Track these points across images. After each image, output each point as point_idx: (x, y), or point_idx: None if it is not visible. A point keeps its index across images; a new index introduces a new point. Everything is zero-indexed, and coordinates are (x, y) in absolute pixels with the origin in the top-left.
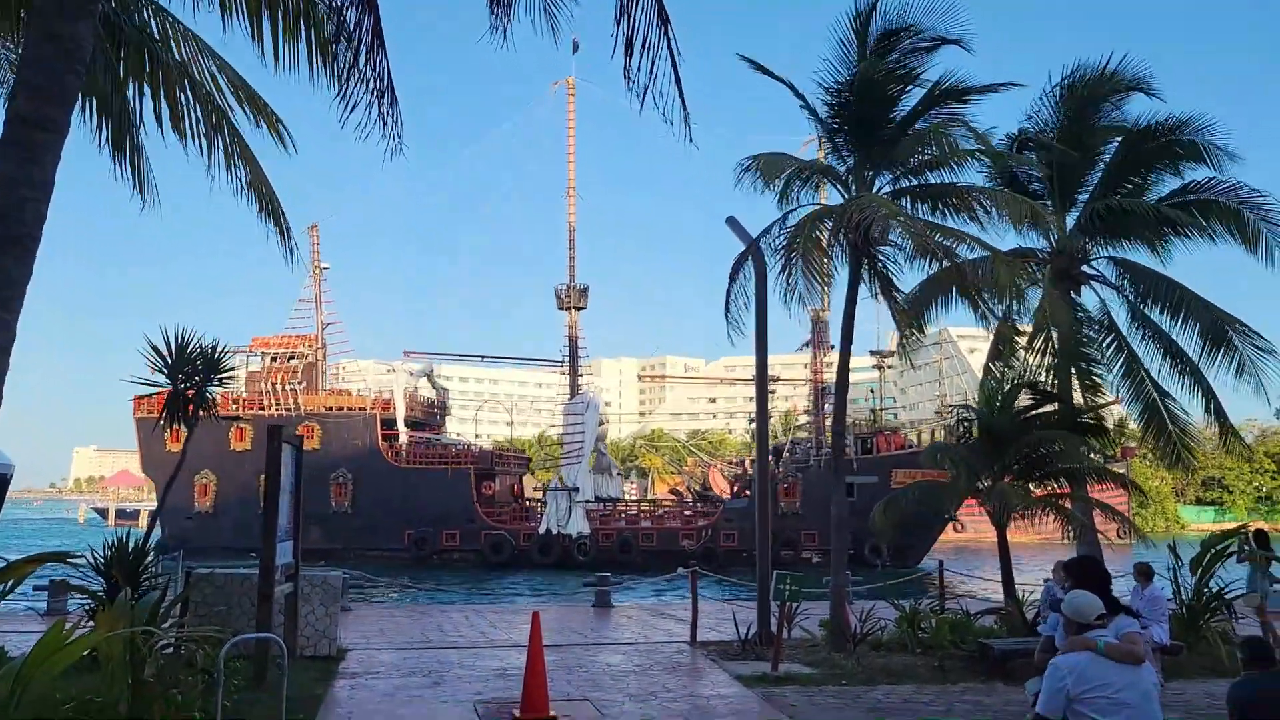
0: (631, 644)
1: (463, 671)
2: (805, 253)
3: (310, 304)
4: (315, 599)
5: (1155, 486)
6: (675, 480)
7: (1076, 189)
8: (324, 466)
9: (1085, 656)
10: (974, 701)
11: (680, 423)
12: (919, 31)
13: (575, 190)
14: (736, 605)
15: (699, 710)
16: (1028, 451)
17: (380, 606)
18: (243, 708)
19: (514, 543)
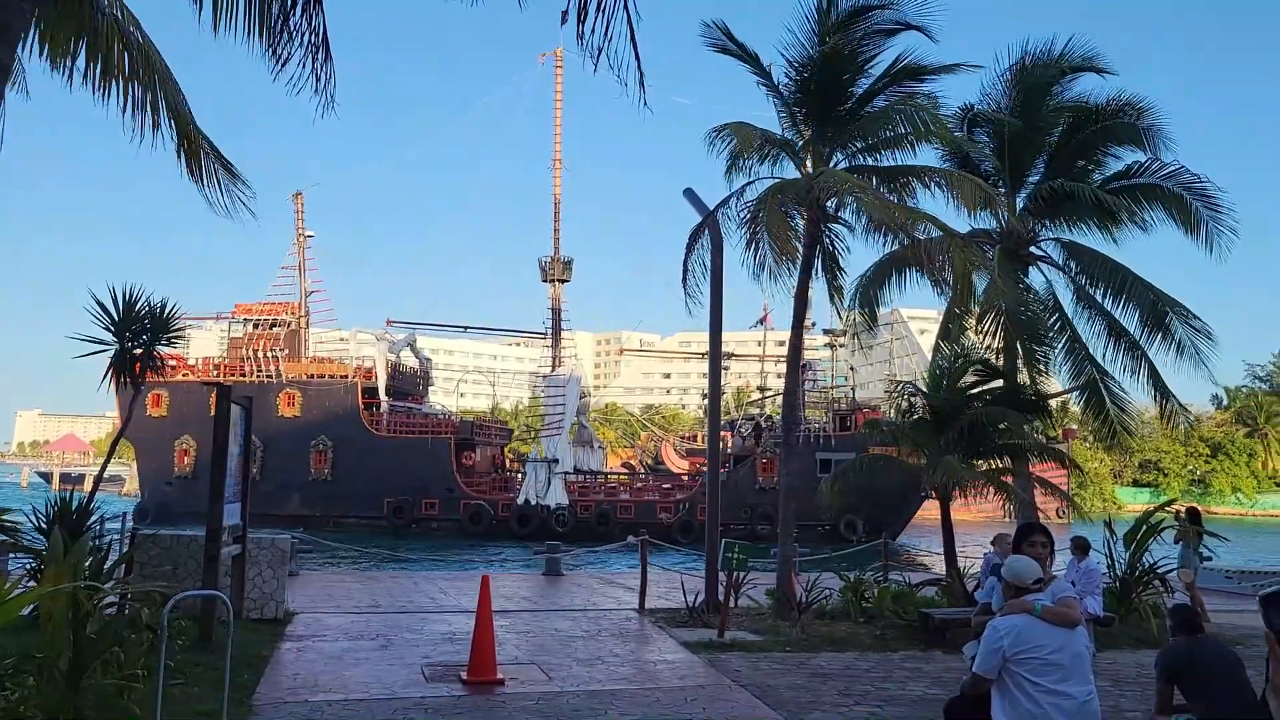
0: (580, 611)
1: (411, 635)
2: (770, 225)
3: (294, 271)
4: (263, 562)
5: (1094, 468)
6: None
7: (1026, 171)
8: (304, 434)
9: (1022, 618)
10: (913, 668)
11: (634, 397)
12: (884, 7)
13: (561, 163)
14: (686, 575)
15: (645, 675)
16: (971, 427)
17: (329, 571)
18: (186, 667)
19: (493, 513)
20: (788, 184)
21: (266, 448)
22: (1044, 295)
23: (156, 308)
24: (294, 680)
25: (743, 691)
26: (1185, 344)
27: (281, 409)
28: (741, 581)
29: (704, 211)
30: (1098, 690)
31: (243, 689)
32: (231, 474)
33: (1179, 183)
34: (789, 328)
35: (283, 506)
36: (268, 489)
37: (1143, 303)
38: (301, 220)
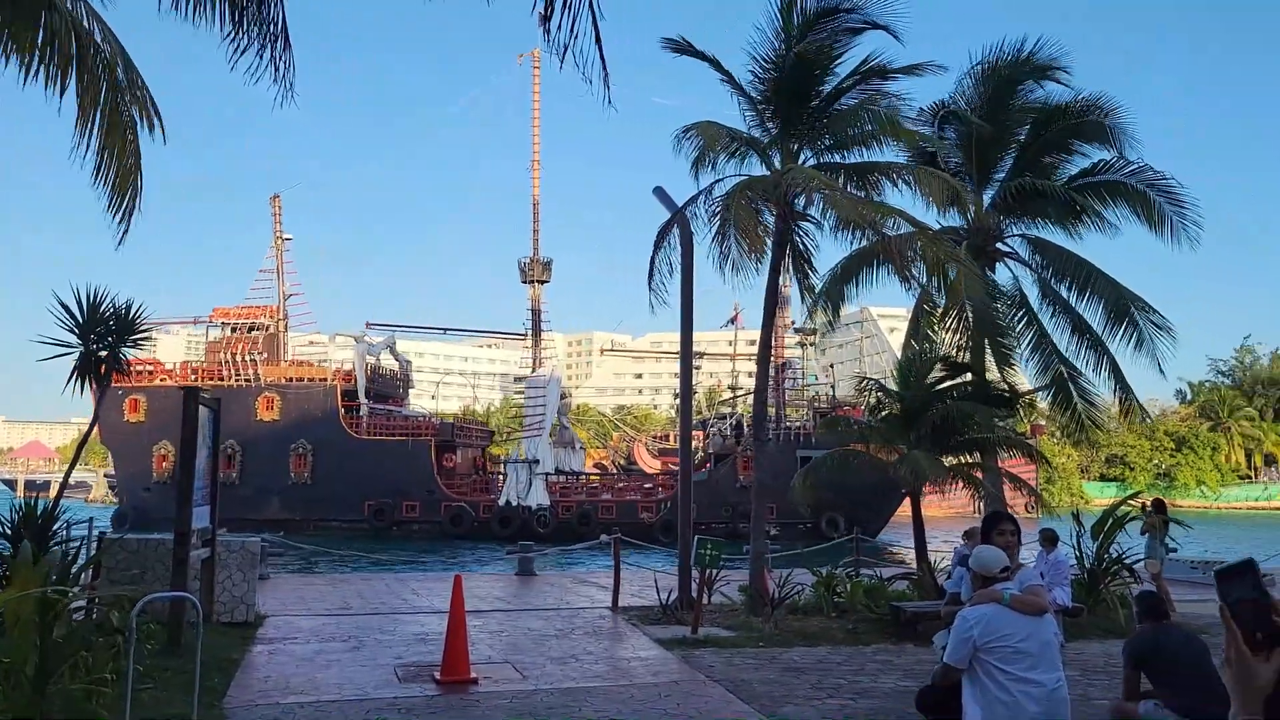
0: (554, 610)
1: (383, 637)
2: (738, 219)
3: (272, 275)
4: (233, 564)
5: (1061, 463)
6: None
7: (993, 168)
8: (284, 437)
9: (992, 608)
10: (885, 661)
11: (606, 398)
12: (850, 11)
13: (540, 163)
14: (660, 573)
15: (619, 672)
16: (940, 423)
17: (300, 575)
18: (155, 672)
19: (474, 514)
20: (756, 181)
21: (245, 452)
22: (1010, 291)
23: (121, 309)
24: (265, 683)
25: (716, 687)
26: (1147, 339)
27: (260, 413)
28: (715, 579)
29: (673, 209)
30: (1066, 679)
31: (213, 692)
32: (200, 476)
33: (1143, 180)
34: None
35: (262, 510)
36: (247, 493)
37: (1106, 298)
38: (279, 223)
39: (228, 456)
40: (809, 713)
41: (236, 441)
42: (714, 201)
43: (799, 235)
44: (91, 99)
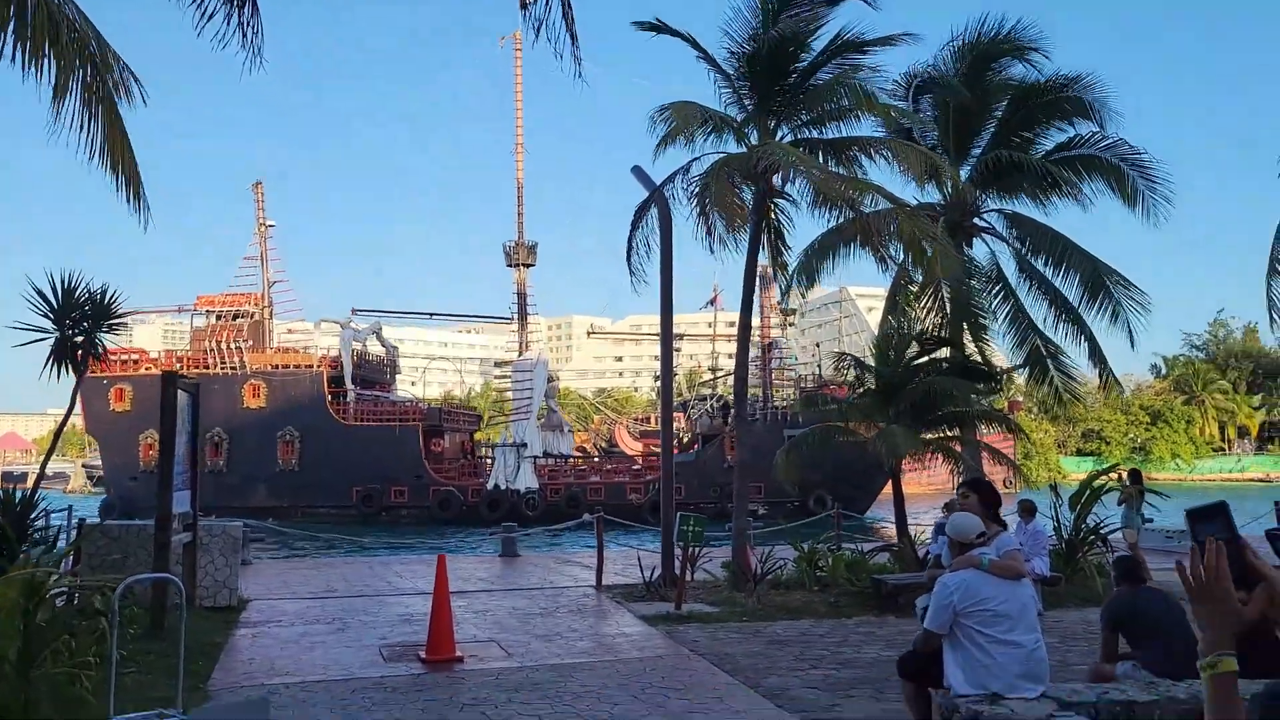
0: (538, 589)
1: (367, 618)
2: (718, 196)
3: (256, 262)
4: (215, 549)
5: (1039, 439)
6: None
7: (971, 143)
8: (270, 425)
9: (971, 573)
10: (867, 633)
11: (587, 381)
12: None
13: (524, 147)
14: (643, 551)
15: (604, 648)
16: (918, 398)
17: (283, 560)
18: (139, 656)
19: (462, 498)
20: (734, 158)
21: (232, 439)
22: (987, 267)
23: (97, 294)
24: (249, 665)
25: (701, 660)
26: (1121, 313)
27: (247, 400)
28: (698, 556)
29: (651, 188)
30: (1045, 645)
31: (197, 675)
32: (180, 461)
33: (1117, 155)
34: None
35: (250, 498)
36: (234, 481)
37: (1083, 272)
38: (262, 210)
39: (215, 444)
40: (793, 683)
41: (223, 429)
42: (692, 180)
43: (775, 213)
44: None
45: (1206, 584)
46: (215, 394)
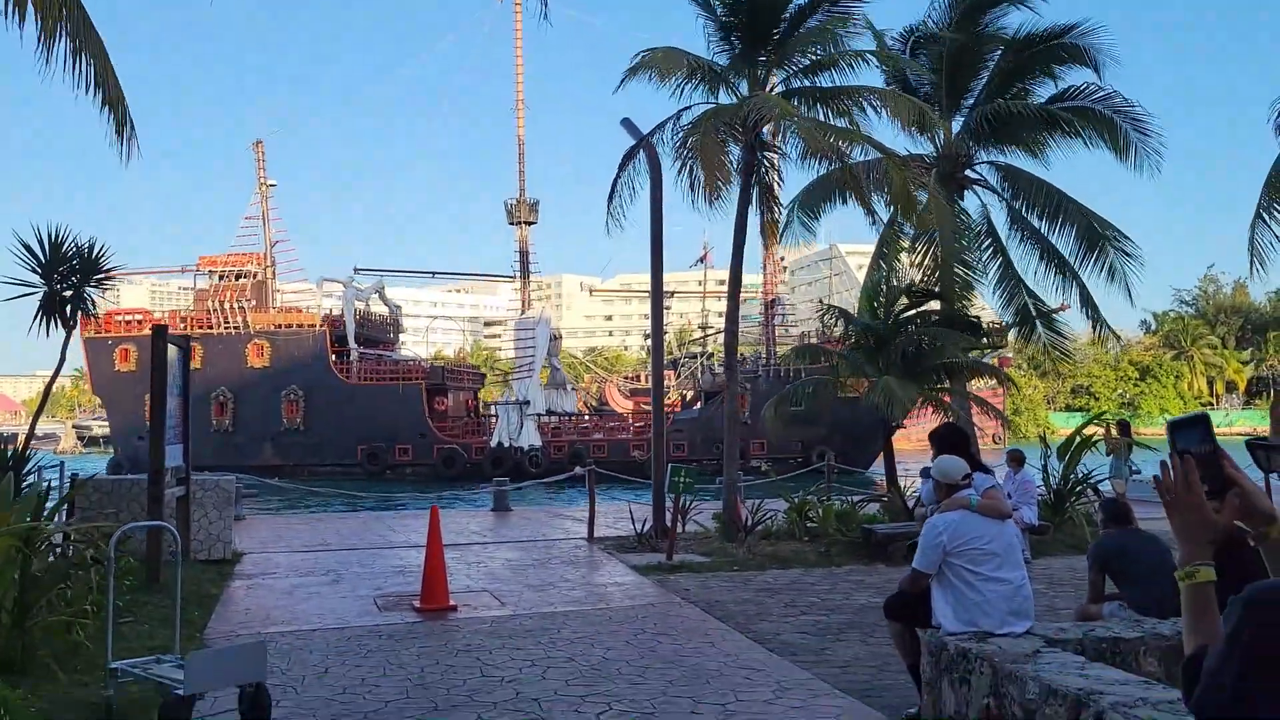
0: (530, 542)
1: (361, 570)
2: (704, 146)
3: (257, 222)
4: (208, 503)
5: (1028, 394)
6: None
7: (963, 94)
8: (275, 384)
9: (959, 514)
10: (856, 580)
11: (577, 340)
12: None
13: (524, 104)
14: (635, 504)
15: (596, 596)
16: (908, 349)
17: (276, 515)
18: (135, 606)
19: (466, 456)
20: (723, 109)
21: (238, 399)
22: (978, 221)
23: (85, 248)
24: (245, 615)
25: (692, 608)
26: (1116, 267)
27: (251, 360)
28: (688, 508)
29: (638, 138)
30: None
31: (193, 625)
32: (172, 415)
33: (1111, 106)
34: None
35: (256, 457)
36: (240, 440)
37: (1077, 225)
38: (263, 169)
39: (220, 404)
40: (783, 628)
41: (228, 389)
42: (681, 129)
43: (765, 166)
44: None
45: (1179, 494)
46: (219, 354)
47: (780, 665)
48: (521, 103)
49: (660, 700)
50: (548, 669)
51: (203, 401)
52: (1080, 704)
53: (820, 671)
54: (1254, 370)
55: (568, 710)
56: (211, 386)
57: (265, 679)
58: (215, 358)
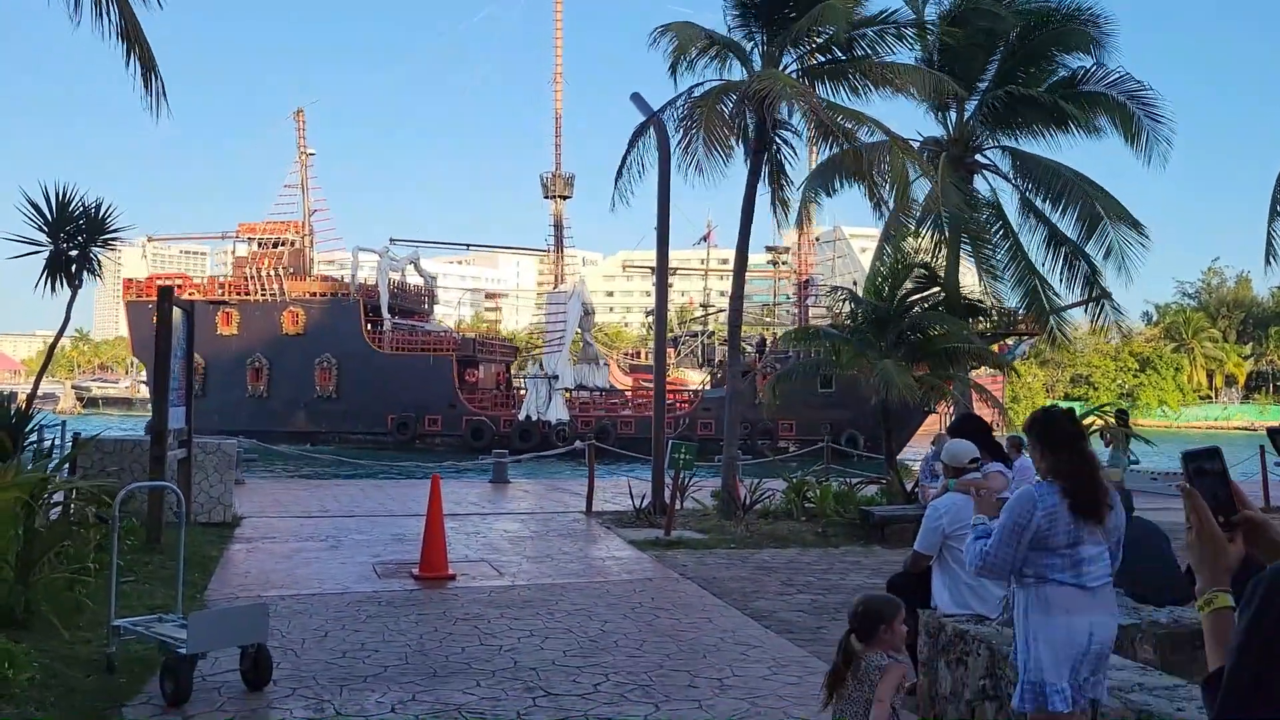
0: (529, 514)
1: (360, 537)
2: (707, 122)
3: (296, 190)
4: (210, 466)
5: (1027, 383)
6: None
7: (976, 78)
8: (309, 352)
9: (961, 498)
10: (853, 561)
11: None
12: None
13: (562, 77)
14: (634, 480)
15: (594, 569)
16: (911, 332)
17: (275, 480)
18: (136, 566)
19: (494, 428)
20: (732, 85)
21: (273, 365)
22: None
23: (92, 208)
24: (245, 578)
25: (690, 583)
26: (1117, 249)
27: (286, 327)
28: (688, 485)
29: (649, 113)
30: None
31: (193, 586)
32: (175, 377)
33: (1123, 90)
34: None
35: (289, 423)
36: (275, 406)
37: (1084, 210)
38: (303, 138)
39: (255, 370)
40: (779, 606)
41: (264, 355)
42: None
43: (777, 144)
44: None
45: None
46: (256, 320)
47: (776, 642)
48: (559, 75)
49: (657, 673)
50: (546, 639)
51: (239, 366)
52: None
53: (816, 649)
54: (1254, 365)
55: (565, 680)
56: (248, 352)
57: (267, 640)
58: (252, 324)
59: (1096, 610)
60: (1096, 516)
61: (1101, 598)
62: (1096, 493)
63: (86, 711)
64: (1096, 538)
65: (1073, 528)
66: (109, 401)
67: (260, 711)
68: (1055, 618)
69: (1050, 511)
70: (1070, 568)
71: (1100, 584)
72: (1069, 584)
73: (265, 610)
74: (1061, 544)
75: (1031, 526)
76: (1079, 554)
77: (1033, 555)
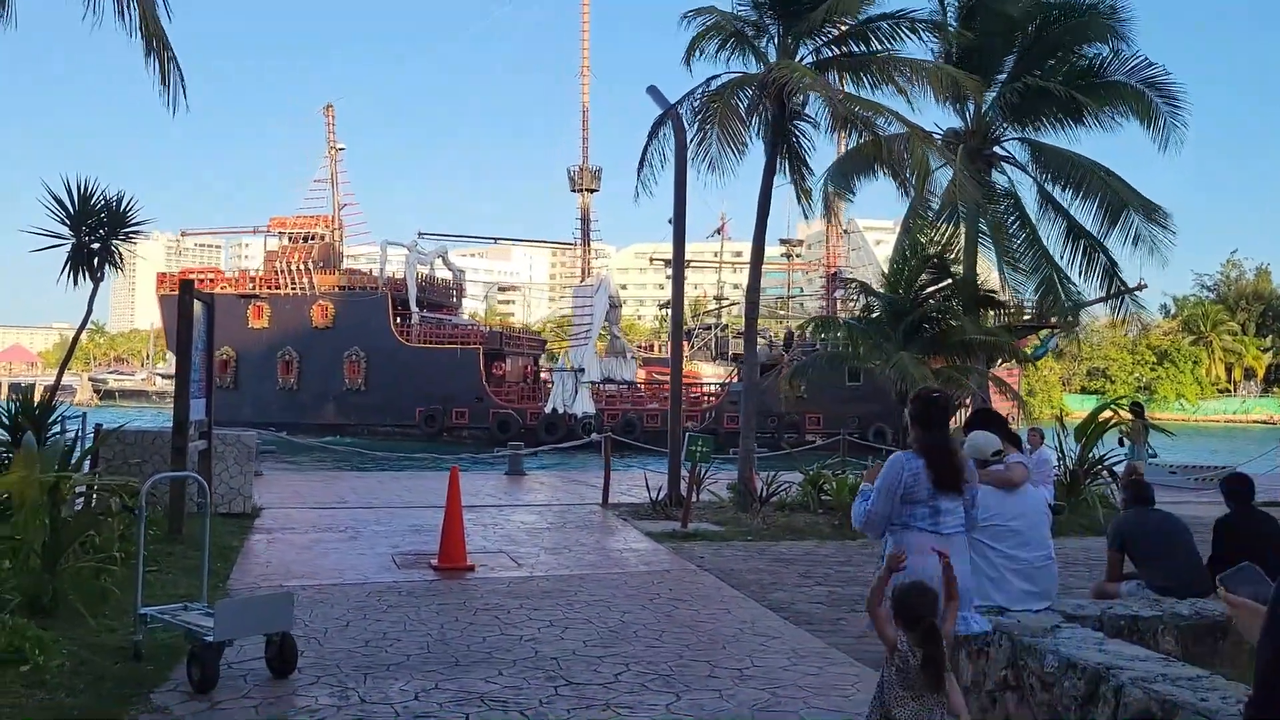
0: (545, 506)
1: (380, 528)
2: (722, 117)
3: (325, 185)
4: (230, 457)
5: (1044, 375)
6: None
7: (995, 71)
8: (338, 345)
9: (982, 489)
10: (871, 553)
11: None
12: None
13: (590, 70)
14: (650, 472)
15: (612, 561)
16: (926, 324)
17: (294, 472)
18: (159, 556)
19: (521, 421)
20: (749, 78)
21: (303, 358)
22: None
23: (113, 201)
24: (266, 568)
25: (707, 575)
26: (1142, 236)
27: (315, 320)
28: (704, 476)
29: (666, 106)
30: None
31: (216, 575)
32: (196, 369)
33: (1141, 78)
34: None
35: (318, 415)
36: (305, 399)
37: (1104, 201)
38: (333, 133)
39: (286, 362)
40: (798, 598)
41: (294, 348)
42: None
43: (795, 135)
44: None
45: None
46: (287, 313)
47: (795, 633)
48: (587, 68)
49: (677, 663)
50: (566, 629)
51: (270, 359)
52: (1099, 678)
53: (835, 641)
54: (1273, 358)
55: (586, 669)
56: (278, 345)
57: (292, 628)
58: (282, 317)
59: (948, 553)
60: (953, 489)
61: (954, 544)
62: (951, 469)
63: (116, 697)
64: (953, 495)
65: (932, 488)
66: (125, 394)
67: (286, 698)
68: (912, 557)
69: (915, 473)
70: (930, 517)
71: (953, 532)
72: (927, 530)
73: (290, 599)
74: (924, 498)
75: (900, 484)
76: (938, 506)
77: (901, 508)
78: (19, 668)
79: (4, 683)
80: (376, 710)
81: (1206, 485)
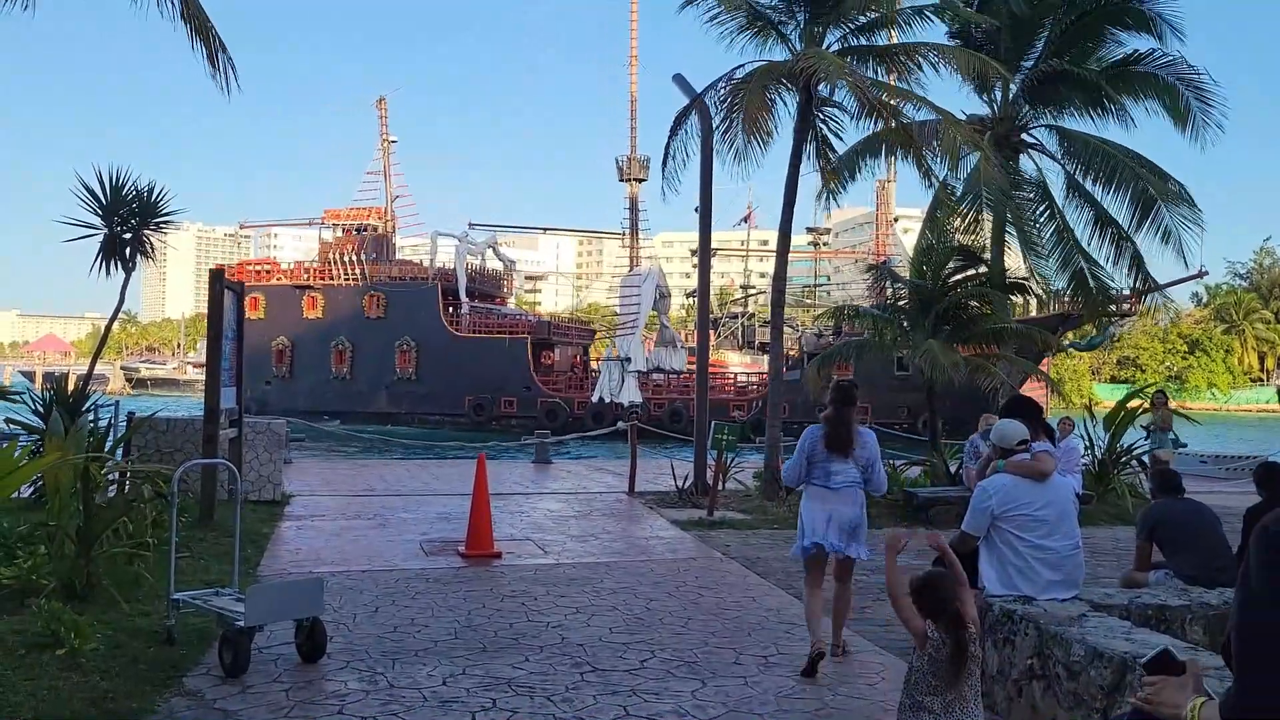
0: (571, 494)
1: (407, 516)
2: (748, 107)
3: (378, 176)
4: (260, 445)
5: (1073, 365)
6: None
7: (1023, 55)
8: (389, 335)
9: (1009, 478)
10: None
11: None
12: None
13: (638, 60)
14: (676, 460)
15: (638, 549)
16: (955, 311)
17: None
18: (190, 542)
19: (569, 410)
20: (776, 66)
21: (356, 347)
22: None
23: (144, 192)
24: (296, 554)
25: (733, 563)
26: (1172, 231)
27: (368, 311)
28: (729, 466)
29: (691, 95)
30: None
31: (247, 562)
32: (226, 358)
33: (1175, 73)
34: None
35: (371, 404)
36: (359, 388)
37: (1133, 189)
38: (385, 125)
39: (339, 352)
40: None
41: (347, 338)
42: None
43: (822, 122)
44: None
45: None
46: (340, 304)
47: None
48: (635, 58)
49: (702, 650)
50: (592, 616)
51: (324, 349)
52: (1126, 666)
53: (861, 629)
54: None
55: (612, 656)
56: (332, 335)
57: (322, 614)
58: (336, 307)
59: (835, 501)
60: (842, 452)
61: (843, 495)
62: (838, 436)
63: (150, 680)
64: (842, 458)
65: (826, 452)
66: (157, 382)
67: (316, 683)
68: (809, 503)
69: (814, 440)
70: (823, 476)
71: (842, 486)
72: (820, 485)
73: (320, 585)
74: (820, 460)
75: (806, 449)
76: (830, 467)
77: (808, 466)
78: (55, 651)
79: (40, 666)
80: (405, 695)
81: (1238, 475)
